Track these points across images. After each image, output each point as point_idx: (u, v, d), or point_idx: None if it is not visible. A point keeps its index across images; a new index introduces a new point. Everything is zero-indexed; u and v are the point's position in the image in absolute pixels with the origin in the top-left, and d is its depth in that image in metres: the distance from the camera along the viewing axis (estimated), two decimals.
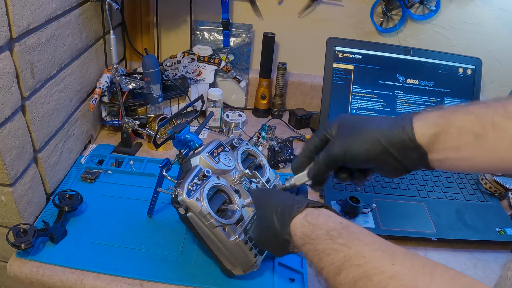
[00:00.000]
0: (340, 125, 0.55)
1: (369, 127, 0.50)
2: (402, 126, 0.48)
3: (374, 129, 0.50)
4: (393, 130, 0.48)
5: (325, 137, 0.56)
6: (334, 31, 1.18)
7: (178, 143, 0.72)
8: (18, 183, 0.73)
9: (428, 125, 0.46)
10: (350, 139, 0.51)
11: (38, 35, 0.73)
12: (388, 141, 0.48)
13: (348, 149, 0.51)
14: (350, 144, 0.51)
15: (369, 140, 0.49)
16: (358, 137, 0.51)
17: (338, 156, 0.52)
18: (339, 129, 0.54)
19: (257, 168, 0.79)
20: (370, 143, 0.49)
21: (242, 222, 0.67)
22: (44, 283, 0.69)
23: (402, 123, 0.48)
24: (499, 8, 1.14)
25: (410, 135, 0.47)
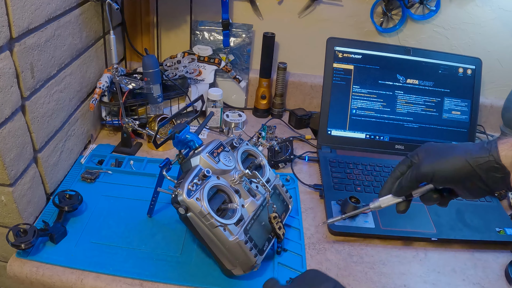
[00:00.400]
0: (427, 150, 0.59)
1: (457, 150, 0.56)
2: (488, 149, 0.53)
3: (463, 151, 0.55)
4: (480, 152, 0.53)
5: (412, 163, 0.60)
6: (334, 31, 1.18)
7: (178, 143, 0.72)
8: (18, 183, 0.73)
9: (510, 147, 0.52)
10: (439, 160, 0.56)
11: (38, 35, 0.73)
12: (475, 162, 0.53)
13: (437, 168, 0.56)
14: (439, 164, 0.56)
15: (458, 161, 0.54)
16: (447, 158, 0.55)
17: (426, 174, 0.56)
18: (425, 154, 0.58)
19: (257, 168, 0.79)
20: (459, 164, 0.54)
21: (242, 222, 0.67)
22: (44, 283, 0.69)
23: (488, 146, 0.53)
24: (499, 8, 1.14)
25: (496, 156, 0.52)
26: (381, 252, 0.80)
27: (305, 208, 0.90)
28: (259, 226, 0.71)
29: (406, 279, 0.75)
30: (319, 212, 0.89)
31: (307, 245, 0.80)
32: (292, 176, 0.98)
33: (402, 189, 0.61)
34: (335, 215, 0.84)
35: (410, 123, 1.10)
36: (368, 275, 0.75)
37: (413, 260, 0.79)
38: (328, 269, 0.75)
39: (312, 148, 1.12)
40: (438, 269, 0.77)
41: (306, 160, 1.05)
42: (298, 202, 0.90)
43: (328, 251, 0.79)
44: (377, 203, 0.64)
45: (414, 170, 0.58)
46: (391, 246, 0.82)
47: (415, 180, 0.59)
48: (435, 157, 0.57)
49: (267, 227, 0.72)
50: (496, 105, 1.22)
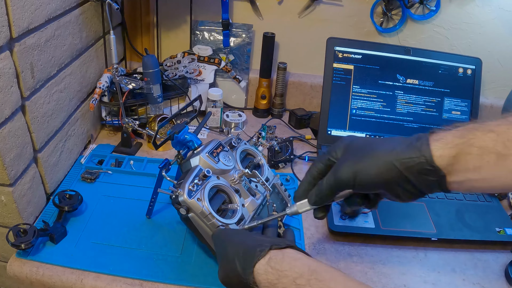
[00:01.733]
0: (347, 148, 0.51)
1: (381, 149, 0.47)
2: (419, 148, 0.45)
3: (387, 152, 0.46)
4: (409, 152, 0.45)
5: (330, 161, 0.52)
6: (334, 31, 1.18)
7: (177, 144, 0.72)
8: (18, 183, 0.73)
9: (446, 146, 0.44)
10: (360, 162, 0.47)
11: (38, 35, 0.73)
12: (403, 164, 0.45)
13: (357, 173, 0.47)
14: (361, 168, 0.47)
15: (382, 163, 0.46)
16: (369, 160, 0.47)
17: (346, 180, 0.48)
18: (345, 151, 0.50)
19: (255, 167, 0.79)
20: (384, 167, 0.46)
21: (243, 221, 0.67)
22: (44, 283, 0.69)
23: (418, 144, 0.45)
24: (499, 8, 1.14)
25: (428, 157, 0.44)
26: (381, 252, 0.80)
27: None
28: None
29: (406, 279, 0.75)
30: None
31: (307, 245, 0.80)
32: (292, 176, 0.98)
33: (321, 199, 0.52)
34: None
35: (410, 123, 1.10)
36: (368, 275, 0.75)
37: (413, 260, 0.79)
38: None
39: (312, 148, 1.12)
40: (438, 269, 0.77)
41: (306, 160, 1.05)
42: None
43: (328, 251, 0.79)
44: (294, 208, 0.58)
45: (331, 176, 0.50)
46: (391, 246, 0.82)
47: (334, 188, 0.50)
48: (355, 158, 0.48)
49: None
50: (496, 105, 1.22)
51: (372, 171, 0.46)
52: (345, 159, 0.49)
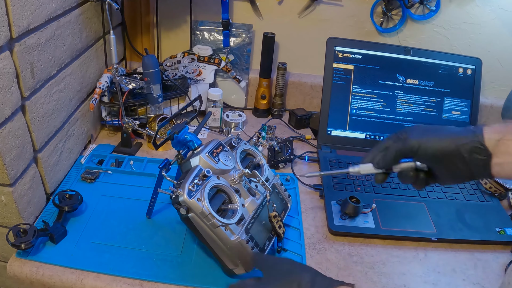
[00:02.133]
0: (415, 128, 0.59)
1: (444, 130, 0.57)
2: (474, 131, 0.54)
3: (449, 132, 0.56)
4: (466, 134, 0.55)
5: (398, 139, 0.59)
6: (334, 31, 1.18)
7: (177, 144, 0.72)
8: (18, 183, 0.73)
9: (495, 131, 0.53)
10: (426, 136, 0.56)
11: (38, 35, 0.73)
12: (460, 141, 0.54)
13: (422, 143, 0.56)
14: (425, 140, 0.56)
15: (443, 139, 0.55)
16: (433, 135, 0.56)
17: (411, 147, 0.56)
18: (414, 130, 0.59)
19: (255, 167, 0.79)
20: (444, 142, 0.55)
21: (243, 221, 0.67)
22: (44, 283, 0.69)
23: (474, 129, 0.55)
24: (499, 8, 1.14)
25: (480, 138, 0.53)
26: (381, 252, 0.80)
27: (305, 208, 0.90)
28: (260, 225, 0.71)
29: (406, 279, 0.75)
30: (319, 212, 0.89)
31: (307, 245, 0.80)
32: (292, 176, 0.98)
33: (385, 160, 0.60)
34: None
35: (410, 123, 1.10)
36: (368, 275, 0.75)
37: (413, 260, 0.79)
38: (328, 269, 0.75)
39: (312, 148, 1.12)
40: (438, 269, 0.77)
41: (306, 160, 1.05)
42: (298, 202, 0.90)
43: (328, 251, 0.79)
44: (357, 168, 0.62)
45: (400, 142, 0.58)
46: (391, 246, 0.82)
47: (399, 153, 0.58)
48: (422, 134, 0.57)
49: (267, 226, 0.72)
50: (496, 105, 1.22)
51: (435, 144, 0.55)
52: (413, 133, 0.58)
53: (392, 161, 0.60)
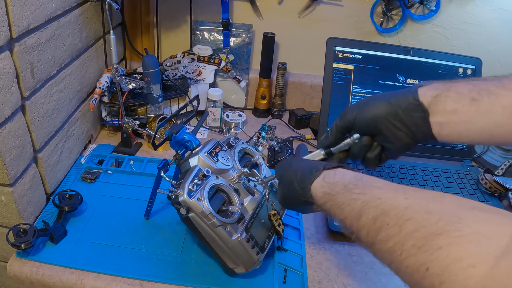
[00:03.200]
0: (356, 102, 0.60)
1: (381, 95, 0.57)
2: (408, 89, 0.55)
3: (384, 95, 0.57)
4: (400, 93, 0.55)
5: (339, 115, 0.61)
6: (334, 31, 1.18)
7: (175, 144, 0.72)
8: (18, 183, 0.73)
9: (430, 89, 0.53)
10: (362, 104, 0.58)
11: (38, 35, 0.73)
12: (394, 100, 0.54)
13: (359, 111, 0.57)
14: (362, 108, 0.57)
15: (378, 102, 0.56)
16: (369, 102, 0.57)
17: (349, 118, 0.58)
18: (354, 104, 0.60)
19: (253, 166, 0.79)
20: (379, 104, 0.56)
21: (243, 220, 0.67)
22: (44, 283, 0.69)
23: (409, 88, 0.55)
24: (499, 8, 1.14)
25: (414, 94, 0.53)
26: None
27: None
28: (259, 224, 0.71)
29: None
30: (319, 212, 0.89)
31: (307, 245, 0.80)
32: None
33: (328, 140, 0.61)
34: None
35: None
36: (368, 275, 0.75)
37: None
38: (328, 269, 0.75)
39: (312, 148, 1.12)
40: None
41: None
42: None
43: (328, 251, 0.79)
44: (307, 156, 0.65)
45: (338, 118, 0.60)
46: None
47: (339, 128, 0.59)
48: (359, 104, 0.58)
49: (267, 224, 0.72)
50: None
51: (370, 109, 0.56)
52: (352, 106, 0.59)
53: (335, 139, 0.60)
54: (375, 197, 0.44)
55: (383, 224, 0.40)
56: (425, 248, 0.34)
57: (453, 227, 0.33)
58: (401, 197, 0.41)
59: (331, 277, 0.74)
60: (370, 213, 0.42)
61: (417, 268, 0.35)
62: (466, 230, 0.32)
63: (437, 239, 0.33)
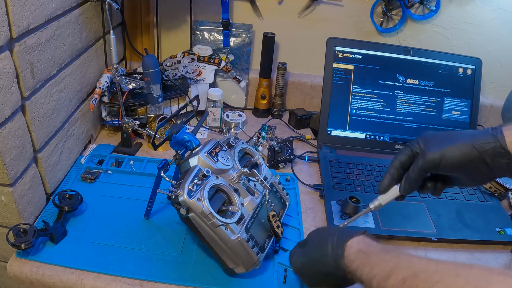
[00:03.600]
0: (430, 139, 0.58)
1: (463, 136, 0.55)
2: (494, 135, 0.53)
3: (468, 138, 0.55)
4: (486, 138, 0.54)
5: (412, 152, 0.59)
6: (334, 31, 1.18)
7: (175, 144, 0.72)
8: (18, 183, 0.73)
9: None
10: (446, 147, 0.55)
11: (38, 35, 0.73)
12: (482, 148, 0.53)
13: (444, 155, 0.55)
14: (446, 151, 0.55)
15: (465, 147, 0.54)
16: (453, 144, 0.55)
17: (434, 161, 0.55)
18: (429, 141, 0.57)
19: (253, 166, 0.79)
20: (466, 149, 0.54)
21: (243, 220, 0.67)
22: (44, 283, 0.69)
23: (494, 132, 0.54)
24: (499, 8, 1.14)
25: (502, 142, 0.53)
26: None
27: (305, 208, 0.90)
28: (259, 224, 0.71)
29: None
30: (319, 212, 0.89)
31: None
32: (292, 176, 0.98)
33: (411, 183, 0.58)
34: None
35: (410, 123, 1.10)
36: None
37: None
38: None
39: (312, 148, 1.12)
40: None
41: (306, 160, 1.05)
42: (298, 202, 0.90)
43: None
44: (377, 203, 0.63)
45: (420, 160, 0.56)
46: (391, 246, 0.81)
47: (422, 171, 0.57)
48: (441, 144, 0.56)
49: (266, 224, 0.72)
50: (496, 105, 1.22)
51: (457, 153, 0.54)
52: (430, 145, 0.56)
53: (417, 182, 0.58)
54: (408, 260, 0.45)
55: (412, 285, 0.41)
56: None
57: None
58: (432, 263, 0.42)
59: None
60: (400, 274, 0.43)
61: None
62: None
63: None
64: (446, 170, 0.56)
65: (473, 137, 0.54)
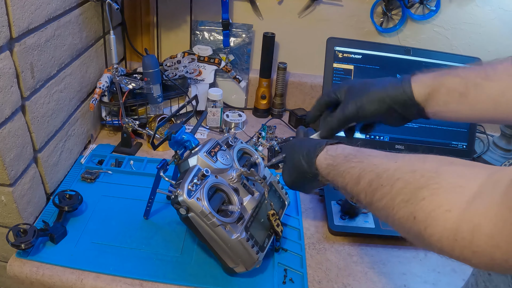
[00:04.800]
0: (349, 89, 0.65)
1: (375, 89, 0.62)
2: (403, 87, 0.59)
3: (380, 90, 0.61)
4: (396, 91, 0.60)
5: (335, 97, 0.67)
6: (334, 31, 1.18)
7: (174, 144, 0.72)
8: (18, 183, 0.73)
9: (424, 86, 0.58)
10: (361, 100, 0.62)
11: (38, 35, 0.73)
12: (392, 100, 0.60)
13: (360, 108, 0.62)
14: (361, 104, 0.62)
15: (377, 99, 0.61)
16: (368, 98, 0.62)
17: (352, 115, 0.63)
18: (348, 92, 0.65)
19: (252, 166, 0.79)
20: (378, 102, 0.61)
21: (243, 220, 0.67)
22: (44, 283, 0.69)
23: (403, 84, 0.60)
24: (499, 8, 1.13)
25: (410, 95, 0.59)
26: (381, 252, 0.80)
27: (305, 208, 0.90)
28: (259, 223, 0.71)
29: (406, 279, 0.75)
30: (319, 212, 0.89)
31: (307, 245, 0.80)
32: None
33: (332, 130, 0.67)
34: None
35: (410, 123, 1.09)
36: (368, 275, 0.75)
37: (413, 260, 0.79)
38: (328, 269, 0.75)
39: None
40: (438, 269, 0.77)
41: None
42: (298, 202, 0.90)
43: (328, 251, 0.79)
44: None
45: (340, 113, 0.64)
46: (391, 246, 0.81)
47: (342, 122, 0.65)
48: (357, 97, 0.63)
49: (266, 224, 0.72)
50: None
51: (371, 106, 0.61)
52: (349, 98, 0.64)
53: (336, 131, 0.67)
54: (371, 163, 0.50)
55: (378, 185, 0.46)
56: (411, 200, 0.40)
57: (433, 181, 0.39)
58: (392, 161, 0.47)
59: (331, 277, 0.74)
60: (366, 178, 0.48)
61: (406, 218, 0.40)
62: (443, 183, 0.38)
63: (421, 192, 0.39)
64: (362, 120, 0.64)
65: (384, 90, 0.61)
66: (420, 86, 0.59)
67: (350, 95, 0.64)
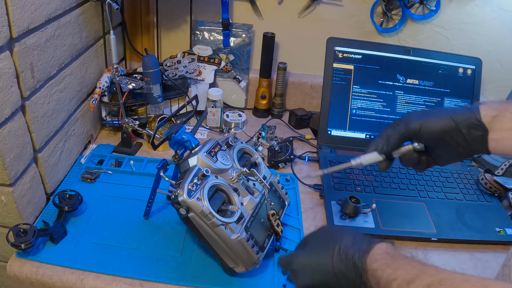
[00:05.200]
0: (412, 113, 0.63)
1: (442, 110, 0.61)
2: (470, 109, 0.59)
3: (447, 111, 0.60)
4: (463, 111, 0.59)
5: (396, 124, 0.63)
6: (334, 31, 1.18)
7: (174, 144, 0.72)
8: (18, 183, 0.73)
9: (490, 109, 0.58)
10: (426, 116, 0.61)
11: (38, 35, 0.73)
12: (458, 119, 0.59)
13: (423, 123, 0.60)
14: (426, 120, 0.60)
15: (443, 117, 0.59)
16: (433, 115, 0.60)
17: (413, 129, 0.60)
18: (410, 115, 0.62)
19: (252, 166, 0.79)
20: (444, 120, 0.59)
21: (243, 220, 0.67)
22: (44, 283, 0.69)
23: (471, 107, 0.59)
24: (499, 8, 1.14)
25: (477, 115, 0.58)
26: None
27: (305, 208, 0.90)
28: (259, 223, 0.71)
29: None
30: (319, 212, 0.89)
31: None
32: (292, 176, 0.98)
33: (388, 145, 0.63)
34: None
35: None
36: None
37: None
38: None
39: (312, 148, 1.12)
40: None
41: (306, 160, 1.05)
42: (298, 202, 0.90)
43: None
44: (359, 160, 0.65)
45: (401, 126, 0.61)
46: None
47: (402, 136, 0.62)
48: (422, 116, 0.61)
49: (266, 224, 0.72)
50: None
51: (435, 123, 0.60)
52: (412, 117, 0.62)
53: (395, 145, 0.62)
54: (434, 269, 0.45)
55: None
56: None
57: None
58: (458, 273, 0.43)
59: None
60: (425, 280, 0.43)
61: None
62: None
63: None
64: (424, 138, 0.60)
65: (452, 110, 0.60)
66: (487, 109, 0.58)
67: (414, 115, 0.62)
